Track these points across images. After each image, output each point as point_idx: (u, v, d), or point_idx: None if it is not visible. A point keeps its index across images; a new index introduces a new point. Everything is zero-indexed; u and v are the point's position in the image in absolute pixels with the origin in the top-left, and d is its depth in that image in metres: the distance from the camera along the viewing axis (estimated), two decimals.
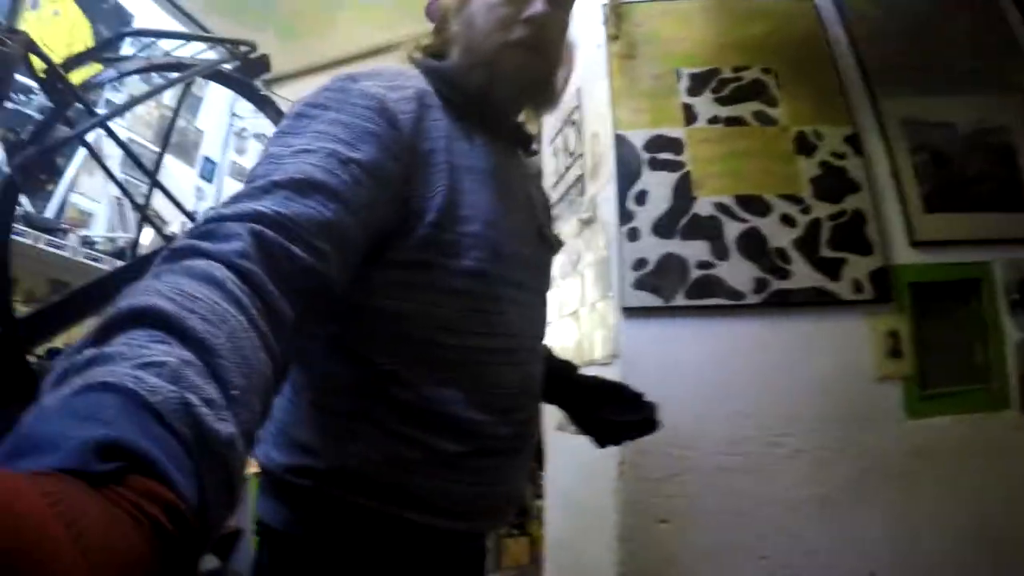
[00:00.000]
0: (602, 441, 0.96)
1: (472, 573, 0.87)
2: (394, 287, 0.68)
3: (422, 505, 0.69)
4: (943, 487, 1.42)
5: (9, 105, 2.01)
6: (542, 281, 0.90)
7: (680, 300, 1.51)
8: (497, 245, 0.72)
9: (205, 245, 0.43)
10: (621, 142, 1.65)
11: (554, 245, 0.95)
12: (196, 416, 0.30)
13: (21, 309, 1.45)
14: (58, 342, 1.37)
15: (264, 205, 0.49)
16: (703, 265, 1.53)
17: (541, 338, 0.88)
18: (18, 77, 1.08)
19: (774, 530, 1.41)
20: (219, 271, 0.41)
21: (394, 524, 0.69)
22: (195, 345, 0.34)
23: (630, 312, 1.53)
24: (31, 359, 1.24)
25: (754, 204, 1.57)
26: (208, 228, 0.46)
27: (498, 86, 0.77)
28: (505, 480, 0.77)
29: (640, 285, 1.53)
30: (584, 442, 1.68)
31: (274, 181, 0.51)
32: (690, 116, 1.65)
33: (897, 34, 1.76)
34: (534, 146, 0.95)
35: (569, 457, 1.84)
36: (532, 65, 0.78)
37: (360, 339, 0.69)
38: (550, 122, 2.28)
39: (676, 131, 1.64)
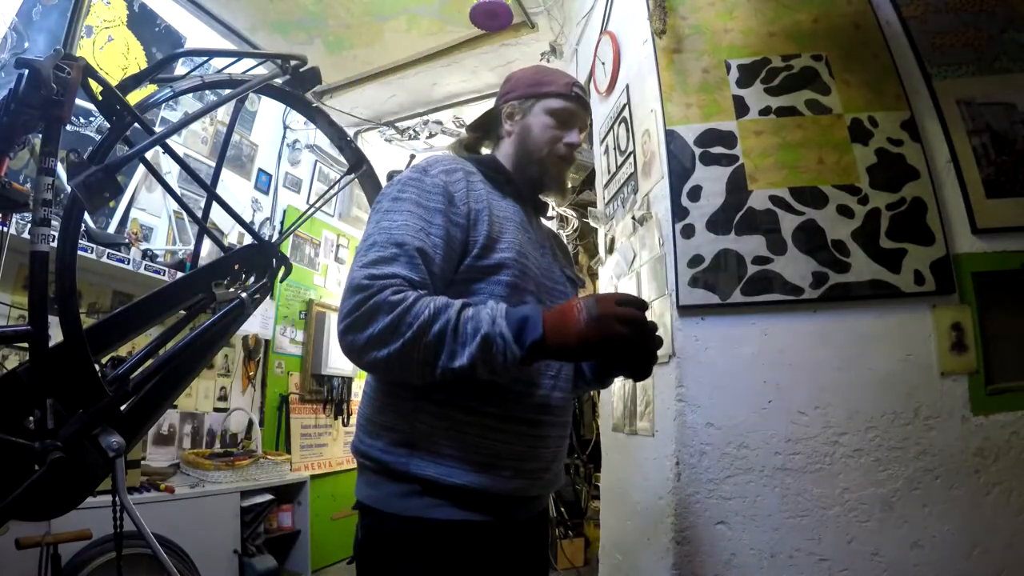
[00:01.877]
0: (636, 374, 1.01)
1: (534, 541, 1.10)
2: (453, 295, 0.95)
3: (476, 465, 0.94)
4: (1011, 487, 1.36)
5: (69, 128, 2.07)
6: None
7: (737, 297, 1.48)
8: (524, 268, 1.04)
9: (404, 295, 0.88)
10: (672, 138, 1.62)
11: (576, 282, 1.29)
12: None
13: (86, 320, 1.49)
14: (122, 351, 1.41)
15: (398, 270, 0.91)
16: (760, 260, 1.50)
17: None
18: (78, 101, 1.10)
19: (834, 532, 1.38)
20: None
21: (455, 493, 0.93)
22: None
23: (686, 310, 1.51)
24: (96, 367, 1.27)
25: (810, 196, 1.53)
26: (386, 283, 0.89)
27: (546, 180, 1.19)
28: (546, 444, 1.04)
29: (696, 283, 1.51)
30: (640, 443, 1.68)
31: (397, 246, 0.93)
32: (741, 108, 1.61)
33: (951, 10, 1.68)
34: (550, 213, 1.37)
35: (625, 458, 1.83)
36: (566, 171, 1.23)
37: None
38: (599, 121, 2.26)
39: (728, 124, 1.60)
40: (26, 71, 1.07)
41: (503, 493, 0.97)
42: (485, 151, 1.28)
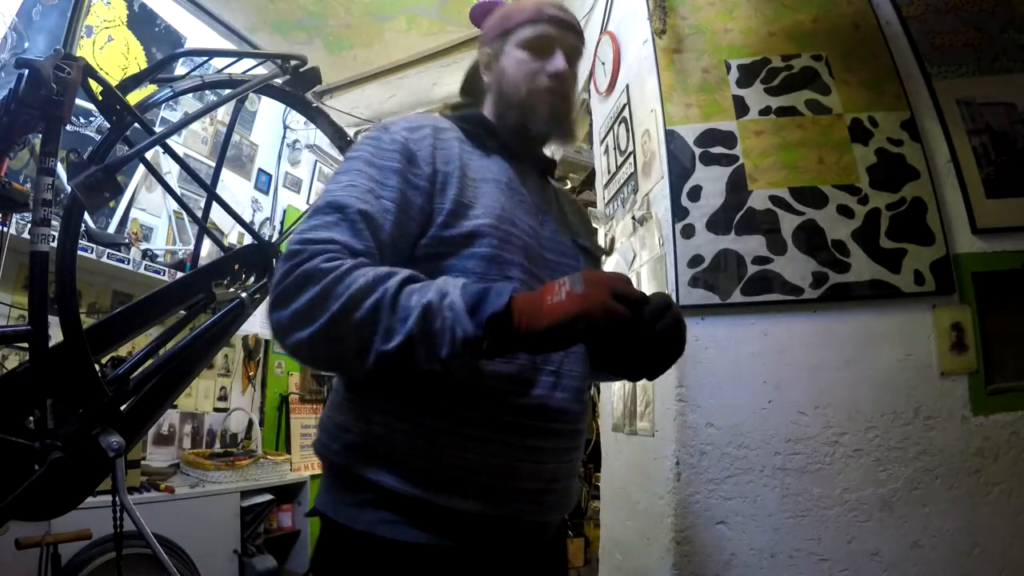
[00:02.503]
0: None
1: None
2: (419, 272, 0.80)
3: (443, 480, 0.77)
4: (1011, 487, 1.36)
5: (69, 128, 2.07)
6: None
7: (737, 297, 1.48)
8: (507, 236, 0.86)
9: (339, 262, 0.72)
10: (672, 138, 1.62)
11: (595, 253, 1.11)
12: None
13: (86, 320, 1.49)
14: (122, 351, 1.41)
15: (336, 235, 0.75)
16: (760, 260, 1.50)
17: None
18: (78, 101, 1.10)
19: (834, 532, 1.38)
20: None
21: (416, 509, 0.76)
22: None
23: (686, 310, 1.49)
24: (96, 367, 1.27)
25: (810, 196, 1.53)
26: (319, 249, 0.72)
27: (531, 123, 0.97)
28: (542, 457, 0.83)
29: (696, 283, 1.51)
30: (640, 443, 1.68)
31: (337, 209, 0.77)
32: (741, 108, 1.61)
33: (950, 10, 1.68)
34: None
35: (625, 458, 1.83)
36: (556, 106, 0.98)
37: None
38: (599, 121, 2.26)
39: (728, 124, 1.60)
40: (26, 71, 1.07)
41: (478, 516, 0.78)
42: None
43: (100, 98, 1.20)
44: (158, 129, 1.50)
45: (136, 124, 1.24)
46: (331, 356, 0.73)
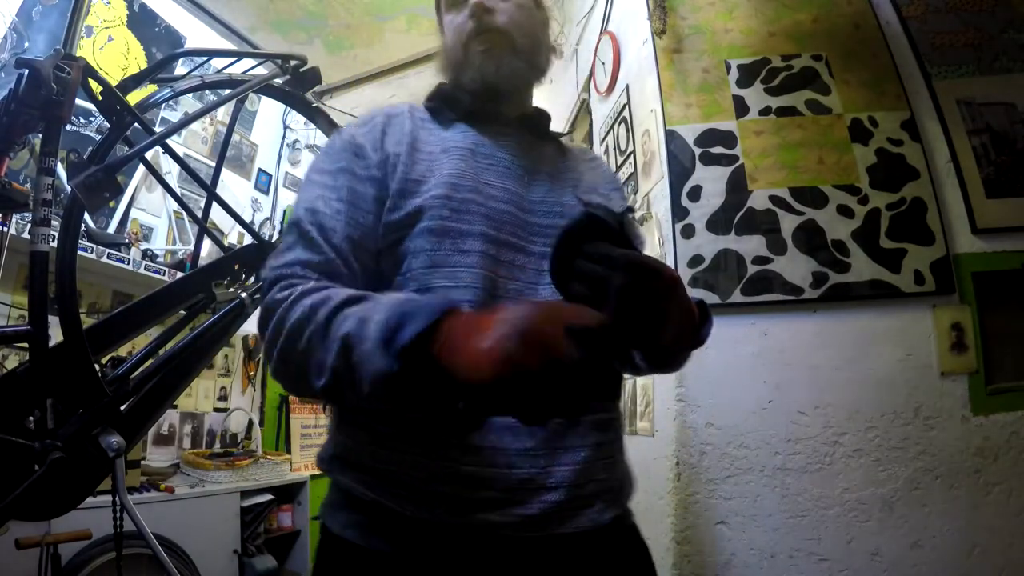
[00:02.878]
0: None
1: None
2: (386, 266, 0.77)
3: (399, 486, 0.70)
4: (1011, 487, 1.37)
5: (69, 128, 2.07)
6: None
7: (737, 297, 1.48)
8: (463, 205, 0.76)
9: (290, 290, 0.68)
10: (672, 138, 1.62)
11: (610, 211, 0.88)
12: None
13: (86, 320, 1.49)
14: (122, 351, 1.41)
15: (297, 255, 0.72)
16: (759, 260, 1.50)
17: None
18: (78, 101, 1.10)
19: (834, 532, 1.38)
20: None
21: (383, 515, 0.70)
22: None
23: None
24: (96, 367, 1.27)
25: (810, 196, 1.53)
26: (279, 276, 0.71)
27: (471, 80, 0.86)
28: (502, 460, 0.69)
29: (696, 283, 1.51)
30: (640, 443, 1.67)
31: (294, 226, 0.75)
32: (741, 108, 1.61)
33: (950, 10, 1.68)
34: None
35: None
36: (492, 49, 0.85)
37: None
38: (599, 121, 2.26)
39: (728, 124, 1.61)
40: (26, 71, 1.07)
41: (438, 524, 0.69)
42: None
43: (100, 98, 1.20)
44: (158, 129, 1.50)
45: (136, 124, 1.24)
46: (293, 385, 0.70)
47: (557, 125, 1.12)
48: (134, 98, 1.28)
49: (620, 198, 0.95)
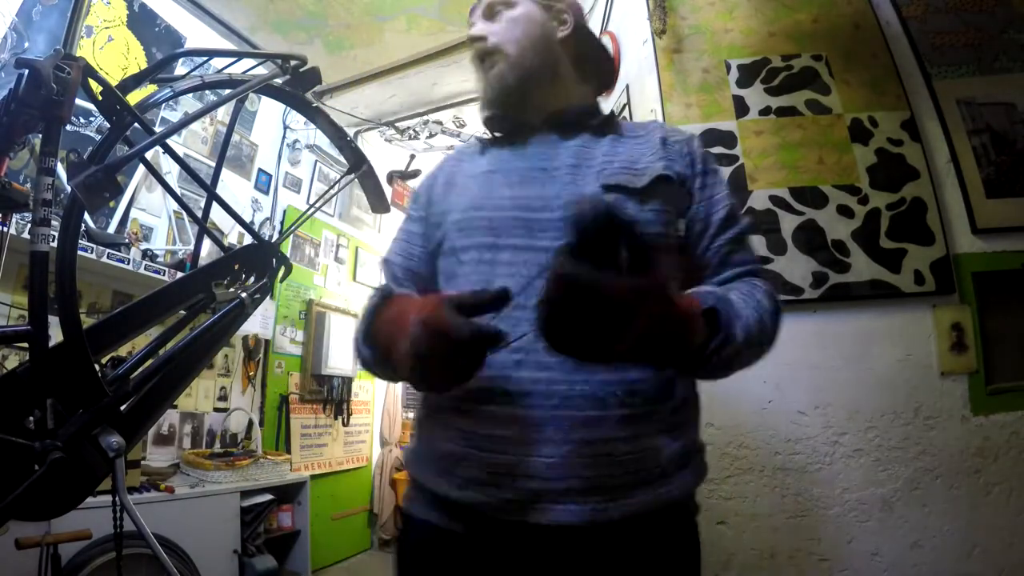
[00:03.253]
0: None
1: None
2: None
3: (432, 467, 0.81)
4: (1011, 487, 1.37)
5: (69, 128, 2.07)
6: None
7: None
8: (468, 222, 0.86)
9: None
10: None
11: (629, 189, 0.84)
12: None
13: (86, 320, 1.49)
14: (122, 351, 1.41)
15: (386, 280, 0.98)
16: (760, 260, 1.49)
17: None
18: (78, 101, 1.10)
19: (834, 532, 1.38)
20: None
21: (424, 492, 0.82)
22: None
23: None
24: (96, 367, 1.27)
25: (810, 196, 1.53)
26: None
27: (488, 102, 0.93)
28: (496, 443, 0.73)
29: None
30: None
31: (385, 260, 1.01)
32: (741, 108, 1.62)
33: (950, 10, 1.68)
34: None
35: None
36: (491, 68, 0.92)
37: None
38: None
39: (728, 124, 1.61)
40: (26, 71, 1.06)
41: (462, 502, 0.75)
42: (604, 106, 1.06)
43: (100, 98, 1.19)
44: (158, 129, 1.50)
45: (136, 124, 1.23)
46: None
47: None
48: (134, 98, 1.27)
49: (664, 163, 0.87)
